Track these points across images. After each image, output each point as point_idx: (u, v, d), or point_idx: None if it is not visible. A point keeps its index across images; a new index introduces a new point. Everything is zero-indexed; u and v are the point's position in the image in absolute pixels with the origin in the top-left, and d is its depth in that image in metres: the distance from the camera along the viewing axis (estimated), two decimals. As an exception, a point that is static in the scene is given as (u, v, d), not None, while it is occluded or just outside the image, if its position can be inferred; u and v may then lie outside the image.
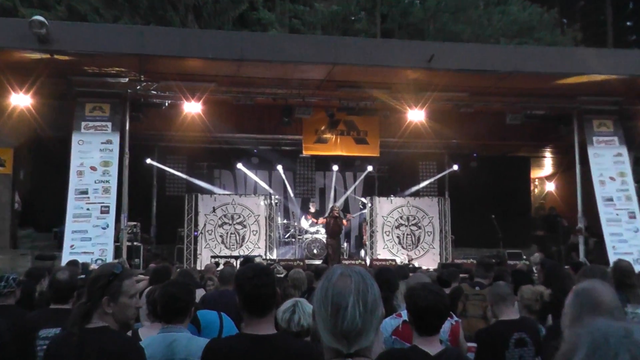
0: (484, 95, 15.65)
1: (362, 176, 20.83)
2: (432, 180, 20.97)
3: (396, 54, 13.83)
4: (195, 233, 17.25)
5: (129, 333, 3.41)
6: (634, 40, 35.77)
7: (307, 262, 16.41)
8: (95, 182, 13.88)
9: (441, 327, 3.41)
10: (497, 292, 4.89)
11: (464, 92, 15.50)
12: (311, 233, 18.25)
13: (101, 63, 13.42)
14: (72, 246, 13.34)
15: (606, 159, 15.71)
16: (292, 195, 20.50)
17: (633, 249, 14.66)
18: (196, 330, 3.94)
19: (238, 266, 10.61)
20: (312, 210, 18.90)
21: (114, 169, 14.00)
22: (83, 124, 14.25)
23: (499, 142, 19.38)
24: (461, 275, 10.20)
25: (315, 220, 18.19)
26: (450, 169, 20.54)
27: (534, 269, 11.10)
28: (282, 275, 8.67)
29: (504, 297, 4.81)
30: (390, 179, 21.08)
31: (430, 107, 15.56)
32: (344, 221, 17.71)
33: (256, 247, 17.46)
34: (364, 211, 19.43)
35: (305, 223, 18.58)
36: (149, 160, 19.06)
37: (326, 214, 17.98)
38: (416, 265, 16.60)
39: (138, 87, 14.57)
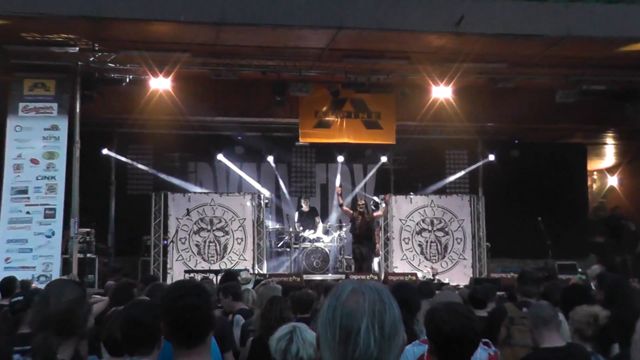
0: (527, 66, 15.62)
1: (374, 169, 20.80)
2: (462, 173, 20.97)
3: (417, 16, 13.77)
4: (165, 242, 17.25)
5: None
6: None
7: (306, 277, 16.43)
8: (37, 179, 13.85)
9: (471, 359, 3.41)
10: (538, 314, 4.89)
11: (502, 62, 15.48)
12: (310, 241, 18.27)
13: (44, 28, 13.35)
14: (7, 259, 13.33)
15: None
16: (286, 193, 20.49)
17: None
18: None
19: (218, 283, 10.62)
20: (305, 208, 18.95)
21: (60, 162, 13.98)
22: (21, 105, 14.21)
23: (546, 125, 19.37)
24: (499, 292, 10.20)
25: (348, 211, 17.92)
26: (485, 160, 20.52)
27: (592, 284, 11.09)
28: (277, 292, 8.68)
29: (545, 320, 4.82)
30: (409, 172, 21.08)
31: (460, 81, 15.54)
32: (375, 213, 17.76)
33: (241, 258, 17.47)
34: (376, 213, 19.43)
35: (320, 228, 18.58)
36: (105, 151, 19.05)
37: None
38: (443, 280, 16.60)
39: (91, 59, 14.53)
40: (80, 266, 14.68)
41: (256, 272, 16.68)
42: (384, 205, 18.27)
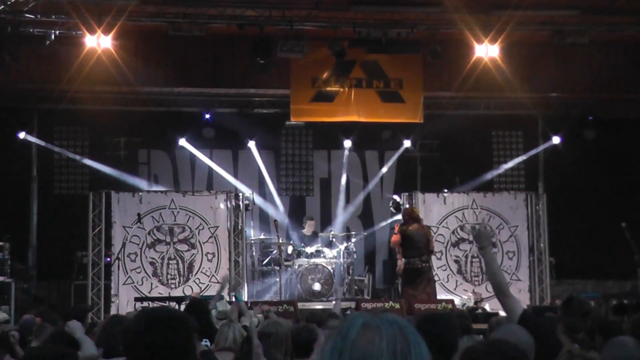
0: (606, 13, 15.61)
1: (395, 157, 20.76)
2: (515, 162, 20.91)
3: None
4: (108, 259, 17.22)
5: None
6: None
7: (302, 305, 16.39)
8: None
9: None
10: (618, 356, 4.85)
11: (571, 9, 15.44)
12: (307, 256, 18.23)
13: None
14: None
15: None
16: (273, 191, 20.44)
17: None
18: None
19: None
20: (307, 231, 18.87)
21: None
22: None
23: (632, 95, 19.32)
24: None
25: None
26: (548, 144, 20.46)
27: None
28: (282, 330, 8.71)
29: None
30: (442, 162, 21.03)
31: (512, 36, 15.55)
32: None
33: (213, 281, 17.43)
34: (397, 217, 19.39)
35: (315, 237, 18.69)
36: (23, 135, 18.94)
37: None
38: (488, 309, 16.56)
39: (1, 7, 14.49)
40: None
41: (236, 297, 16.53)
42: (407, 206, 18.23)
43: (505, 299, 5.91)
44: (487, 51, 15.83)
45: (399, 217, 18.51)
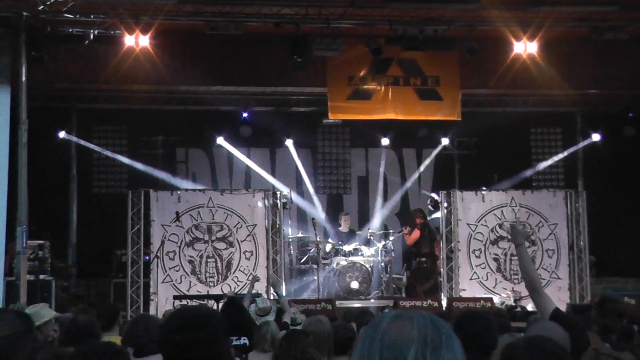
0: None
1: (432, 155, 20.73)
2: (554, 160, 20.80)
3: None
4: (147, 257, 17.30)
5: None
6: None
7: (340, 304, 16.42)
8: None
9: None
10: None
11: (609, 4, 15.31)
12: (345, 254, 18.22)
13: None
14: None
15: None
16: (311, 189, 20.46)
17: None
18: None
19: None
20: (344, 228, 18.91)
21: (1, 149, 14.06)
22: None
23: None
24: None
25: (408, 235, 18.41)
26: (587, 141, 20.31)
27: None
28: (298, 327, 8.67)
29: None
30: (480, 160, 20.97)
31: (550, 33, 15.44)
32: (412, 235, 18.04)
33: (250, 279, 17.46)
34: (435, 215, 19.33)
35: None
36: (63, 134, 19.13)
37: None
38: (529, 308, 16.46)
39: (40, 7, 14.57)
40: (30, 292, 14.72)
41: (273, 296, 16.57)
42: (446, 204, 18.19)
43: (538, 296, 6.00)
44: (525, 48, 15.75)
45: (438, 214, 18.48)
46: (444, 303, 17.06)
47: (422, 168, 20.98)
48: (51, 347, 5.78)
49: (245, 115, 19.82)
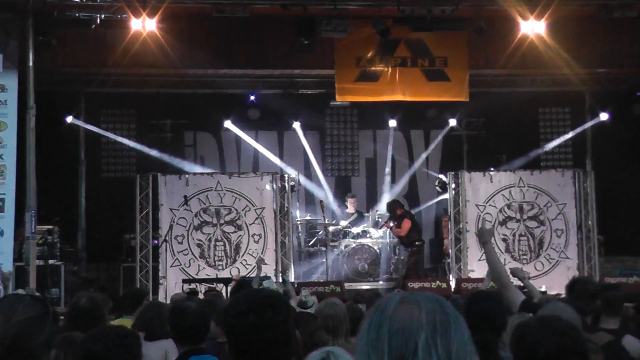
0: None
1: (440, 136, 20.71)
2: (563, 140, 20.76)
3: None
4: (155, 241, 17.35)
5: None
6: None
7: (348, 285, 16.44)
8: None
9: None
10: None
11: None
12: (354, 237, 18.23)
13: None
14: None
15: None
16: (319, 172, 20.46)
17: None
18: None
19: (228, 296, 10.62)
20: (350, 209, 18.91)
21: (10, 136, 14.07)
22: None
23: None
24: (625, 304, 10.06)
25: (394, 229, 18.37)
26: (596, 120, 20.26)
27: None
28: (309, 310, 8.67)
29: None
30: (488, 140, 20.94)
31: (558, 11, 15.39)
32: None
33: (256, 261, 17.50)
34: (443, 196, 19.32)
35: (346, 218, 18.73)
36: (70, 119, 19.15)
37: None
38: (538, 287, 16.49)
39: (47, -8, 14.61)
40: (40, 276, 14.78)
41: (281, 279, 16.58)
42: (454, 185, 18.17)
43: (506, 290, 6.31)
44: (533, 27, 15.68)
45: (446, 195, 18.47)
46: (453, 284, 17.09)
47: (430, 149, 20.97)
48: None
49: (252, 98, 19.87)
